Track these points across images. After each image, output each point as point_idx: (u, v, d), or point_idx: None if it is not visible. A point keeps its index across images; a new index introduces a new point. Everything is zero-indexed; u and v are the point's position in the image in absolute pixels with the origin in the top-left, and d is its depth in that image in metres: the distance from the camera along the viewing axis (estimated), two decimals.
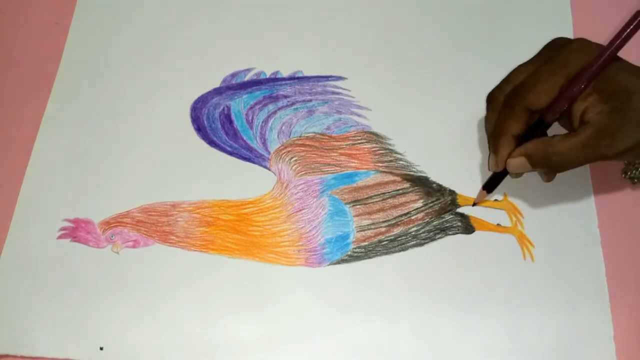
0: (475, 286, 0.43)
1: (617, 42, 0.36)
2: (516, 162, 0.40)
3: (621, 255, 0.44)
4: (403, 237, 0.45)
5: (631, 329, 0.42)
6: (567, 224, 0.45)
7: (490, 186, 0.44)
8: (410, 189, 0.46)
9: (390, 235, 0.45)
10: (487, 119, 0.41)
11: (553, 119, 0.39)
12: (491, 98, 0.41)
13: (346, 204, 0.46)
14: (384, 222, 0.45)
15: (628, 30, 0.36)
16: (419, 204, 0.46)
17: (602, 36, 0.51)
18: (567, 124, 0.40)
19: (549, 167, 0.39)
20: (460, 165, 0.47)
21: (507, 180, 0.46)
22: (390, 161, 0.47)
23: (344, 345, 0.42)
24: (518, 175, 0.42)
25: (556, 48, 0.39)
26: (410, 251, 0.44)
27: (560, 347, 0.41)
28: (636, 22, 0.36)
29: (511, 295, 0.43)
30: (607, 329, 0.42)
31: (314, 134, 0.48)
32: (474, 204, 0.45)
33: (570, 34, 0.52)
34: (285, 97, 0.50)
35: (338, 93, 0.50)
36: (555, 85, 0.38)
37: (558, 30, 0.52)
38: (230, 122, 0.49)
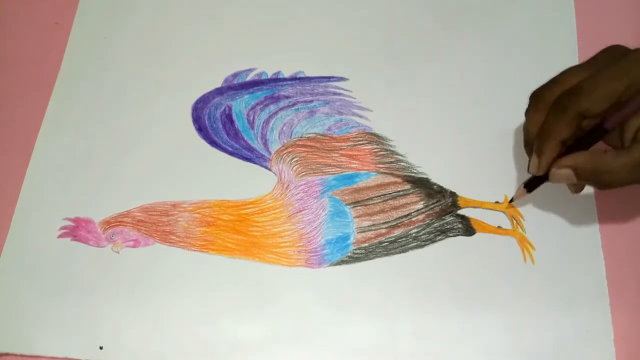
0: (475, 288, 0.43)
1: None
2: (562, 173, 0.39)
3: (621, 258, 0.44)
4: (403, 239, 0.45)
5: (631, 331, 0.42)
6: (568, 226, 0.45)
7: (531, 186, 0.42)
8: (411, 191, 0.46)
9: (391, 237, 0.45)
10: (530, 118, 0.40)
11: (613, 126, 0.38)
12: (538, 97, 0.40)
13: (347, 205, 0.46)
14: (384, 223, 0.45)
15: None
16: (420, 205, 0.46)
17: (604, 36, 0.52)
18: (617, 137, 0.39)
19: (597, 183, 0.38)
20: (461, 167, 0.47)
21: (508, 183, 0.46)
22: (391, 162, 0.47)
23: (343, 347, 0.42)
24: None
25: (615, 56, 0.38)
26: (410, 253, 0.44)
27: (561, 349, 0.41)
28: None
29: (512, 297, 0.43)
30: (607, 331, 0.42)
31: (315, 135, 0.48)
32: (511, 200, 0.45)
33: (573, 35, 0.51)
34: (287, 97, 0.50)
35: (339, 94, 0.50)
36: (614, 93, 0.36)
37: (561, 30, 0.52)
38: (232, 122, 0.49)
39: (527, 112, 0.41)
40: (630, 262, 0.44)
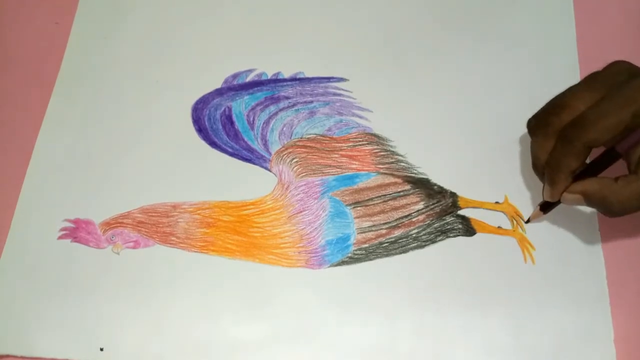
0: (476, 288, 0.43)
1: None
2: (573, 197, 0.40)
3: (622, 258, 0.44)
4: (404, 239, 0.45)
5: (631, 331, 0.42)
6: (568, 226, 0.45)
7: (546, 207, 0.43)
8: (411, 191, 0.46)
9: (391, 237, 0.45)
10: (539, 143, 0.40)
11: (625, 150, 0.38)
12: (545, 122, 0.40)
13: (347, 205, 0.46)
14: (384, 224, 0.45)
15: None
16: (420, 206, 0.46)
17: (604, 36, 0.52)
18: (625, 157, 0.39)
19: (605, 210, 0.39)
20: (461, 167, 0.47)
21: (508, 183, 0.46)
22: (392, 163, 0.47)
23: (343, 347, 0.42)
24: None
25: (619, 78, 0.38)
26: (411, 253, 0.44)
27: (561, 349, 0.41)
28: None
29: (512, 297, 0.43)
30: (608, 331, 0.42)
31: (315, 136, 0.48)
32: (527, 221, 0.45)
33: (572, 35, 0.51)
34: (287, 98, 0.50)
35: (339, 94, 0.50)
36: (620, 124, 0.36)
37: (560, 32, 0.52)
38: (232, 123, 0.49)
39: (534, 135, 0.41)
40: (630, 262, 0.44)
